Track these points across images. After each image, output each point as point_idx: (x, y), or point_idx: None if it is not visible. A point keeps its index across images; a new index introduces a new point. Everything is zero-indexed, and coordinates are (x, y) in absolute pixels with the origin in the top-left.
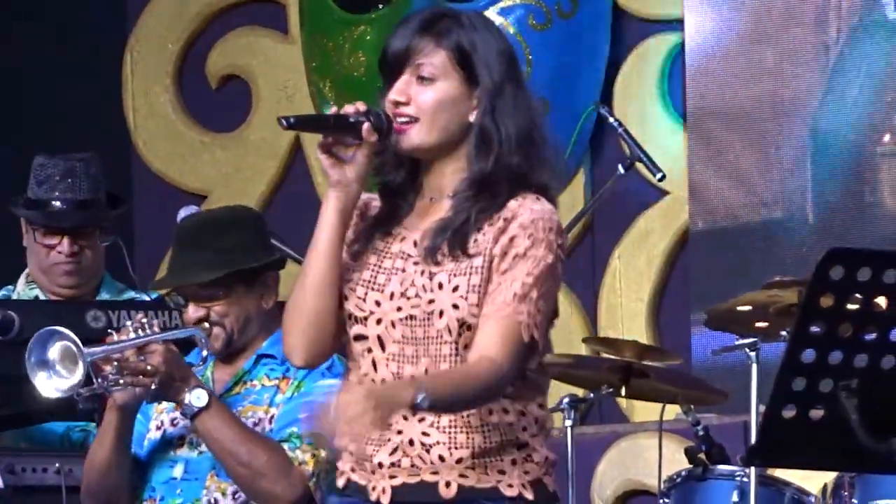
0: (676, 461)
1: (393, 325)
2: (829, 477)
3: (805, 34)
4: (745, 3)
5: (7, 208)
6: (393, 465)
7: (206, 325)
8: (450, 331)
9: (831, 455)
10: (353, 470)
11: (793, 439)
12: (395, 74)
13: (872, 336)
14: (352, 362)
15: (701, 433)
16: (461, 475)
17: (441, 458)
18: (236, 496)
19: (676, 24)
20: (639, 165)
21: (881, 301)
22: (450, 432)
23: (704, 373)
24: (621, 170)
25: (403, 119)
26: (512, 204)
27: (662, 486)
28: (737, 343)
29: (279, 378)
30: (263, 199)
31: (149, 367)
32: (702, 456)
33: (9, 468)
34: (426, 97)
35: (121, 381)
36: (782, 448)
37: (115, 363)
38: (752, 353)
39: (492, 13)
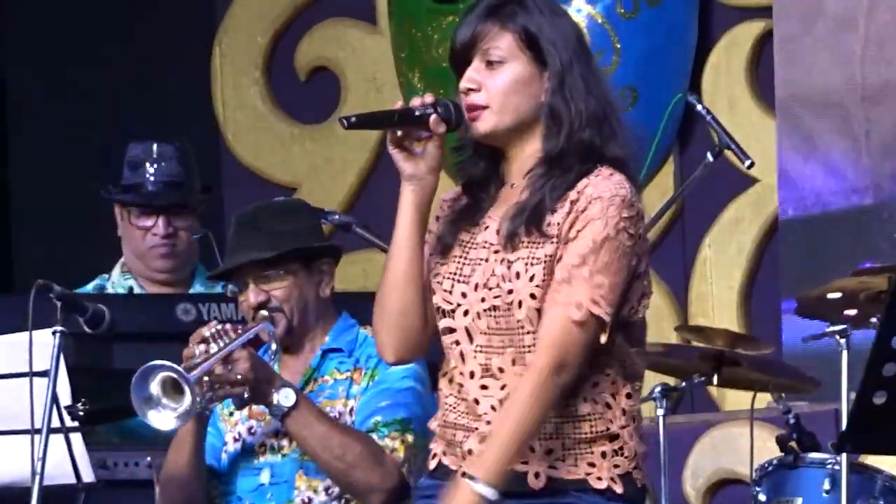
0: (768, 449)
1: (479, 315)
2: None
3: (893, 18)
4: None
5: (102, 198)
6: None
7: (266, 312)
8: (531, 321)
9: None
10: (444, 453)
11: (884, 425)
12: (465, 64)
13: None
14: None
15: (792, 421)
16: (550, 466)
17: (531, 449)
18: (329, 492)
19: (765, 11)
20: (728, 153)
21: None
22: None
23: (795, 360)
24: (710, 158)
25: (474, 107)
26: (582, 182)
27: (754, 474)
28: (827, 330)
29: (350, 370)
30: (353, 191)
31: (238, 377)
32: (793, 444)
33: (101, 463)
34: (496, 81)
35: (215, 396)
36: (874, 434)
37: (206, 379)
38: (843, 341)
39: (580, 1)
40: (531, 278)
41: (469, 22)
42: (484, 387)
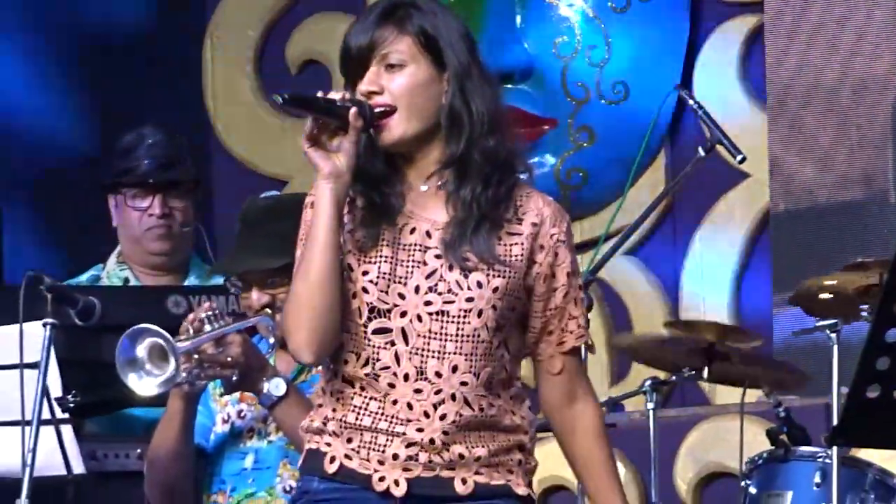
0: (758, 443)
1: (419, 318)
2: None
3: (884, 11)
4: None
5: (95, 189)
6: (410, 458)
7: (270, 311)
8: (487, 329)
9: None
10: (348, 457)
11: (876, 419)
12: (359, 70)
13: None
14: (349, 354)
15: (782, 415)
16: (477, 472)
17: (461, 456)
18: None
19: (756, 5)
20: (719, 148)
21: None
22: (467, 433)
23: (786, 355)
24: (701, 152)
25: (381, 109)
26: (538, 203)
27: (744, 467)
28: (817, 325)
29: None
30: None
31: (229, 359)
32: (783, 437)
33: (91, 454)
34: (398, 83)
35: (203, 374)
36: (865, 428)
37: (196, 356)
38: (833, 335)
39: None
40: (494, 290)
41: (365, 28)
42: (418, 390)
